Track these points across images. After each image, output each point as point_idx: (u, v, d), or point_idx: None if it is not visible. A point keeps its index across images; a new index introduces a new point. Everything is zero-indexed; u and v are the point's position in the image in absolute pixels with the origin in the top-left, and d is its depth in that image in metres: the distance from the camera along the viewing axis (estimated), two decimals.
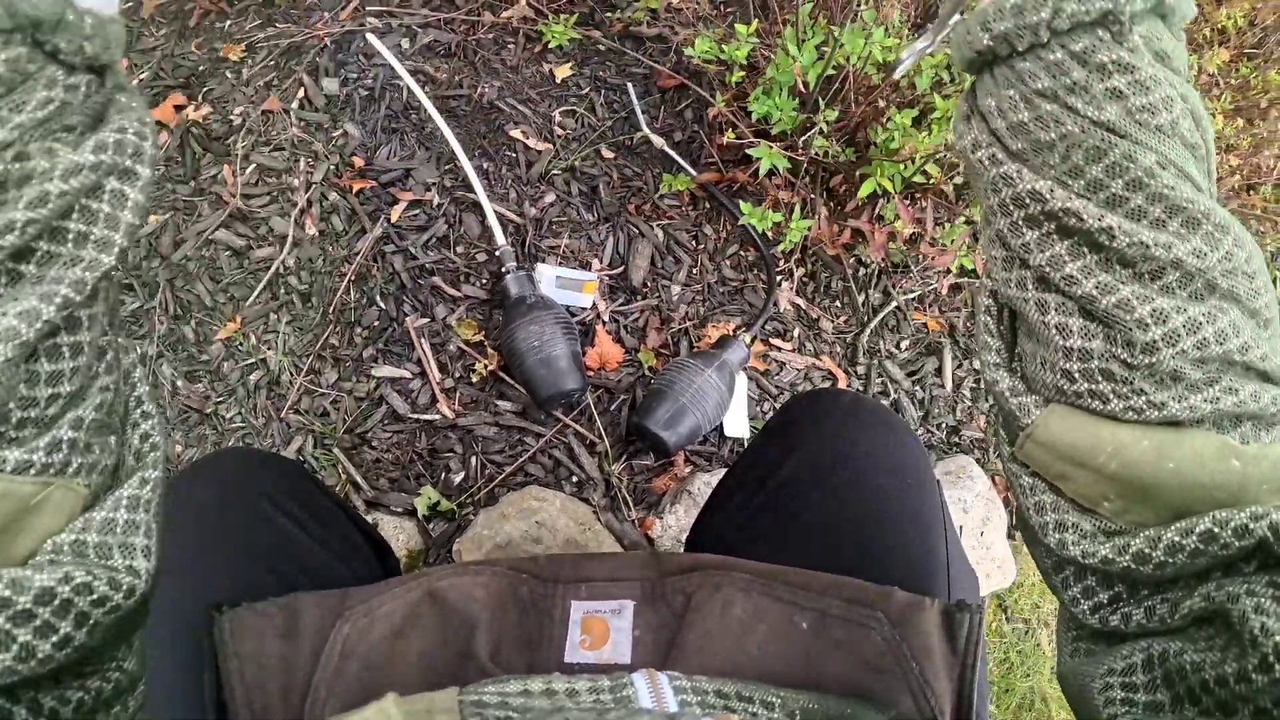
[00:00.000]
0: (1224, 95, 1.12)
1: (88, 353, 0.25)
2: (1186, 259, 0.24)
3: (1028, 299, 0.27)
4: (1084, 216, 0.25)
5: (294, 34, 1.07)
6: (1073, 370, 0.26)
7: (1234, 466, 0.24)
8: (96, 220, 0.24)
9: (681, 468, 0.92)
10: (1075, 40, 0.25)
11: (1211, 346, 0.24)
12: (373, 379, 0.91)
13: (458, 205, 0.97)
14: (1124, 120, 0.25)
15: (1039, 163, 0.26)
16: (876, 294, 1.03)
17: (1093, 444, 0.25)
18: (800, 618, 0.39)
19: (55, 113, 0.24)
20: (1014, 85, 0.27)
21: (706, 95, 0.99)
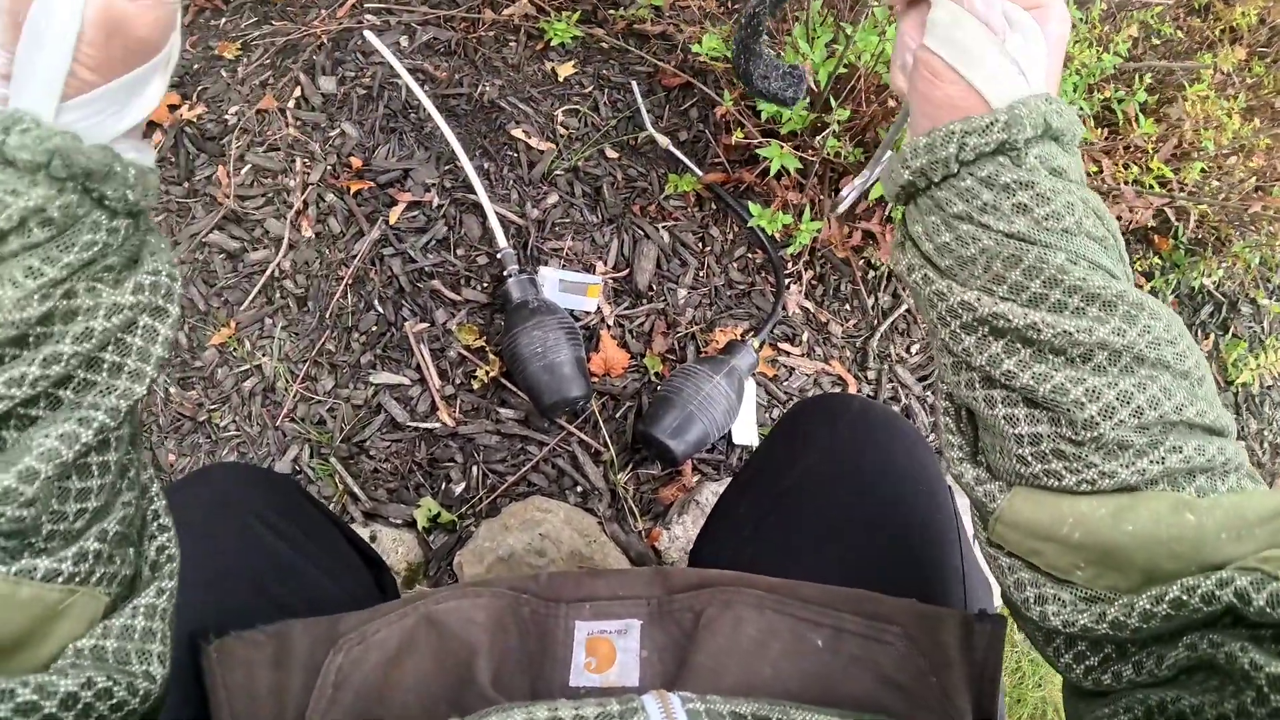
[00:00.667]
0: (1239, 95, 1.10)
1: (113, 471, 0.28)
2: (1110, 338, 0.27)
3: (976, 397, 0.30)
4: (1010, 317, 0.28)
5: (290, 32, 1.05)
6: (1025, 455, 0.28)
7: (1188, 520, 0.25)
8: (130, 353, 0.27)
9: (689, 477, 0.89)
10: (980, 168, 0.29)
11: (1147, 413, 0.26)
12: (371, 386, 0.89)
13: (458, 206, 0.95)
14: (1032, 229, 0.28)
15: (965, 275, 0.30)
16: (886, 297, 1.01)
17: (1055, 518, 0.27)
18: (815, 634, 0.38)
19: (99, 254, 0.26)
20: (934, 212, 0.30)
21: (712, 94, 0.97)
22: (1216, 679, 0.23)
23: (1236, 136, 1.01)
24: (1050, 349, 0.28)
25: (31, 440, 0.24)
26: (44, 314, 0.25)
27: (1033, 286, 0.28)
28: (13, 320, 0.24)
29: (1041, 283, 0.28)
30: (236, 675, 0.38)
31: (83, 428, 0.25)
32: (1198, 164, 1.05)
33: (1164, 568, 0.25)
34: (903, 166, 0.30)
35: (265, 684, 0.38)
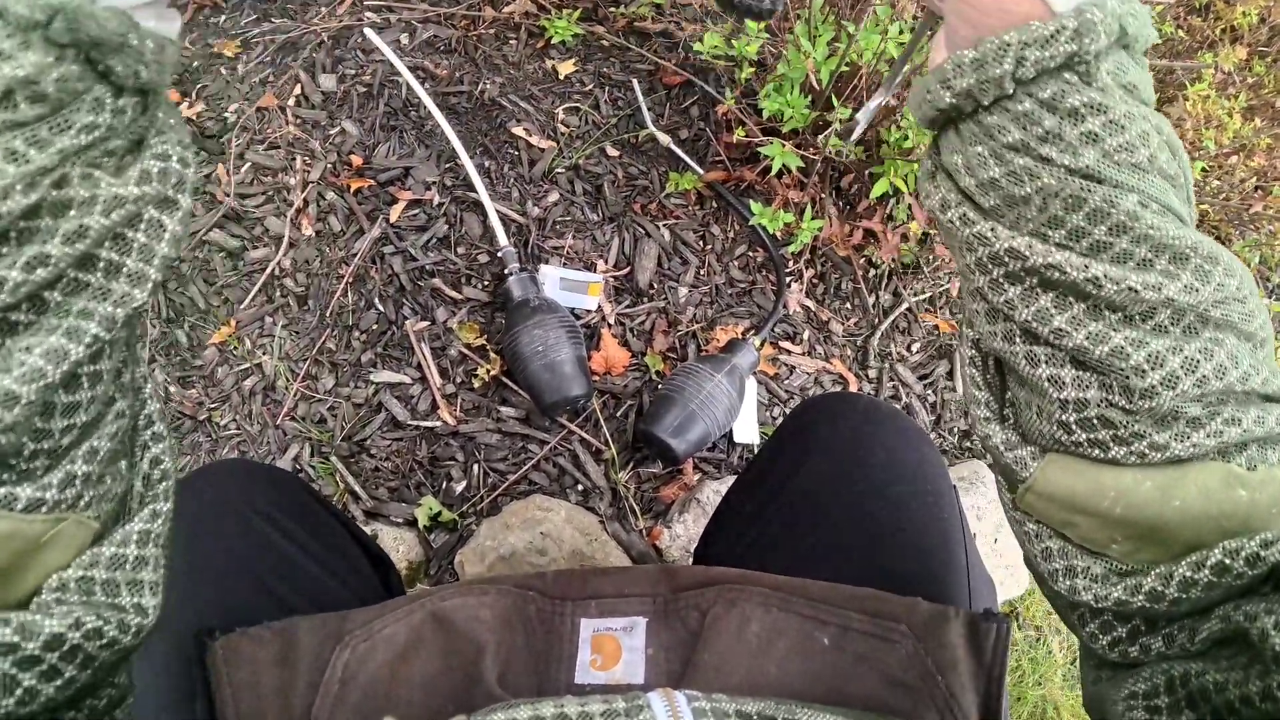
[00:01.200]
0: (1239, 94, 1.10)
1: (105, 379, 0.24)
2: (1178, 296, 0.24)
3: (1016, 352, 0.27)
4: (1067, 269, 0.24)
5: (290, 29, 1.04)
6: (1069, 421, 0.25)
7: (1240, 496, 0.23)
8: (131, 251, 0.23)
9: (690, 475, 0.89)
10: (1043, 88, 0.24)
11: (1211, 382, 0.24)
12: (371, 384, 0.89)
13: (459, 205, 0.95)
14: (1102, 163, 0.24)
15: (1014, 217, 0.26)
16: (887, 295, 1.00)
17: (1095, 490, 0.25)
18: (821, 633, 0.38)
19: (100, 138, 0.22)
20: (982, 141, 0.26)
21: (713, 92, 0.96)
22: (1245, 656, 0.22)
23: (1237, 136, 1.01)
24: (1109, 305, 0.24)
25: (11, 355, 0.21)
26: (29, 206, 0.21)
27: (1096, 233, 0.24)
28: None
29: (1107, 229, 0.24)
30: (242, 673, 0.37)
31: (72, 342, 0.22)
32: (1199, 164, 1.05)
33: (1209, 543, 0.23)
34: (942, 87, 0.25)
35: (271, 681, 0.37)
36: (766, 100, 0.86)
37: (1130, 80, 0.25)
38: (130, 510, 0.26)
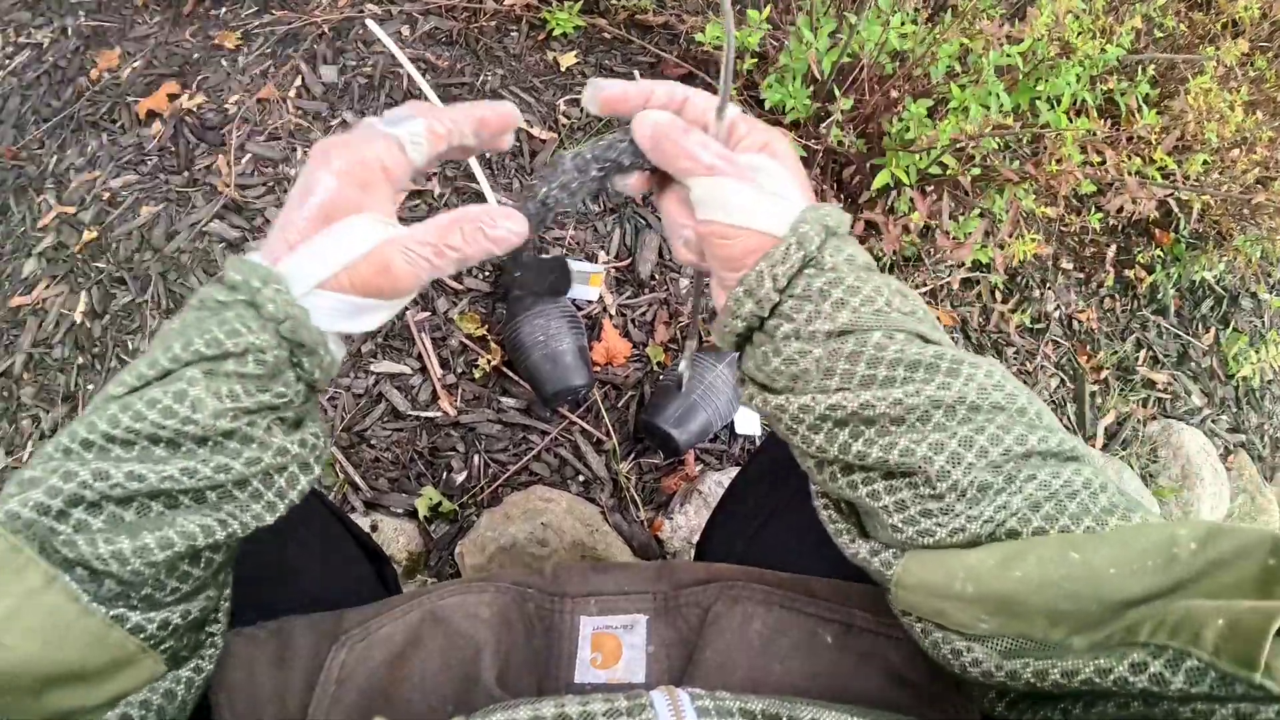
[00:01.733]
0: (1241, 88, 1.10)
1: (213, 568, 0.32)
2: (938, 394, 0.29)
3: (842, 485, 0.32)
4: (845, 404, 0.30)
5: (291, 21, 1.04)
6: (897, 522, 0.30)
7: (1074, 559, 0.26)
8: (272, 488, 0.31)
9: (692, 466, 0.89)
10: (794, 286, 0.31)
11: (992, 451, 0.28)
12: (371, 375, 0.89)
13: (460, 196, 0.95)
14: (852, 319, 0.30)
15: (800, 386, 0.32)
16: None
17: (947, 575, 0.28)
18: (824, 631, 0.37)
19: (284, 404, 0.31)
20: (765, 343, 0.33)
21: (715, 84, 0.96)
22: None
23: (1239, 129, 1.01)
24: (889, 420, 0.29)
25: (175, 519, 0.29)
26: (229, 430, 0.29)
27: (859, 371, 0.30)
28: (206, 424, 0.28)
29: (866, 364, 0.30)
30: (237, 674, 0.37)
31: (219, 526, 0.30)
32: (1200, 156, 1.05)
33: (1062, 608, 0.25)
34: (733, 317, 0.32)
35: (266, 682, 0.37)
36: (769, 91, 0.86)
37: (848, 254, 0.32)
38: (182, 661, 0.32)
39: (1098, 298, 1.20)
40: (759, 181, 0.32)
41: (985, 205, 0.92)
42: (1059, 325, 1.15)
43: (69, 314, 0.95)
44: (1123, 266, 1.23)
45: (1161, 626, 0.23)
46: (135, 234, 0.96)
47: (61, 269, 0.96)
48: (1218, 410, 1.29)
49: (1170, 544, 0.25)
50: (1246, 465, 1.36)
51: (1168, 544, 0.25)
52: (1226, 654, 0.22)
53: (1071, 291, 1.17)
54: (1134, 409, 1.18)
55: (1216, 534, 0.25)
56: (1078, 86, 0.93)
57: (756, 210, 0.31)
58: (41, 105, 1.09)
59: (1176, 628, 0.23)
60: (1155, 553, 0.25)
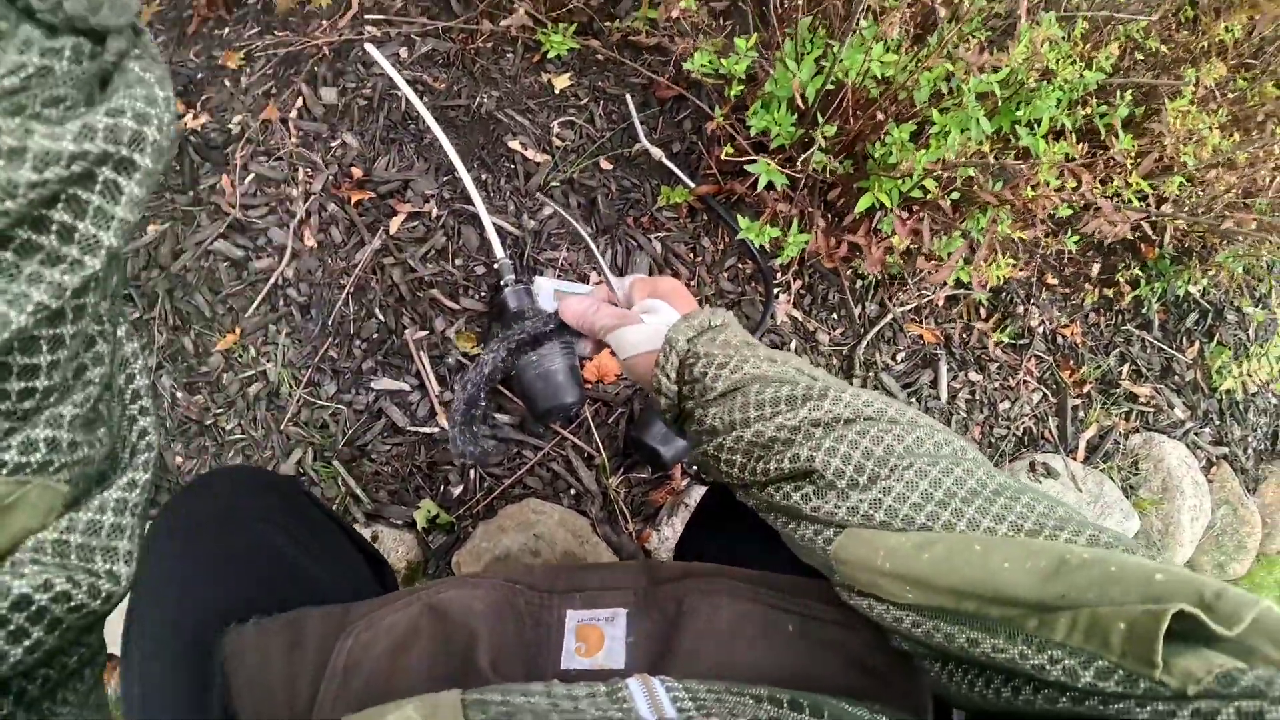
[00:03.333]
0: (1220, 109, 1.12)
1: (70, 345, 0.24)
2: (816, 415, 0.36)
3: (762, 498, 0.39)
4: (743, 437, 0.38)
5: (292, 42, 1.07)
6: (808, 511, 0.36)
7: (975, 550, 0.29)
8: (84, 214, 0.22)
9: (679, 480, 0.92)
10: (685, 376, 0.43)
11: (873, 450, 0.34)
12: (372, 391, 0.92)
13: (456, 217, 0.97)
14: (729, 382, 0.39)
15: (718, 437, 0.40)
16: (873, 306, 1.03)
17: (870, 551, 0.33)
18: (786, 620, 0.40)
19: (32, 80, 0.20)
20: (687, 418, 0.44)
21: (705, 107, 0.99)
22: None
23: (1217, 151, 1.03)
24: (780, 442, 0.37)
25: None
26: None
27: (750, 414, 0.38)
28: None
29: (753, 408, 0.38)
30: (253, 660, 0.40)
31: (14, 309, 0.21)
32: (1177, 178, 1.07)
33: (964, 590, 0.29)
34: (660, 411, 0.44)
35: (279, 668, 0.40)
36: (754, 118, 0.89)
37: (722, 339, 0.42)
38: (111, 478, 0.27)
39: (1082, 313, 1.22)
40: (650, 320, 0.45)
41: (966, 227, 0.95)
42: (1042, 340, 1.17)
43: None
44: (1106, 283, 1.25)
45: (1075, 628, 0.26)
46: (143, 251, 0.99)
47: None
48: (1201, 423, 1.32)
49: (1064, 553, 0.28)
50: (1229, 478, 1.38)
51: (1061, 554, 0.28)
52: (1130, 655, 0.24)
53: (1055, 307, 1.20)
54: (1116, 422, 1.21)
55: (1106, 556, 0.27)
56: (1057, 111, 0.95)
57: (643, 341, 0.45)
58: None
59: (1088, 631, 0.25)
60: (1048, 559, 0.28)
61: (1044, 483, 1.09)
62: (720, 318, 0.44)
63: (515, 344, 0.52)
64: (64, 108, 0.21)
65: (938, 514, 0.32)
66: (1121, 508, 1.17)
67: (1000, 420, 1.10)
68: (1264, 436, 1.42)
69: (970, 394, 1.07)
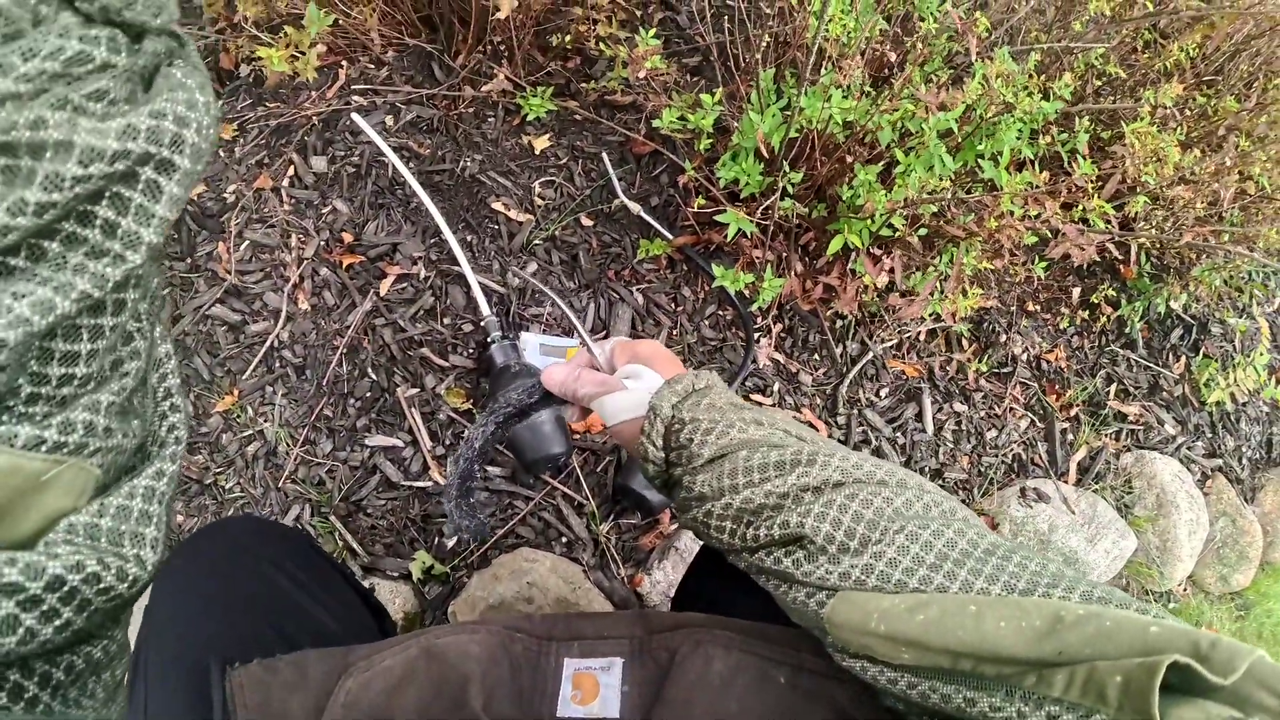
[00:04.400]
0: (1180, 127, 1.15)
1: (109, 336, 0.25)
2: (805, 480, 0.36)
3: (753, 562, 0.40)
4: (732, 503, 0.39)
5: (283, 113, 1.12)
6: (800, 576, 0.36)
7: (970, 610, 0.30)
8: (127, 211, 0.23)
9: (667, 525, 0.94)
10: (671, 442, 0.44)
11: (863, 513, 0.35)
12: (366, 448, 0.94)
13: (443, 278, 1.01)
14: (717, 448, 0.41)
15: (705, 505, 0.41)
16: (854, 345, 1.05)
17: (864, 615, 0.33)
18: (777, 672, 0.41)
19: (71, 66, 0.21)
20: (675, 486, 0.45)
21: (679, 161, 1.03)
22: None
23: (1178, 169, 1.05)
24: (769, 508, 0.37)
25: (1, 299, 0.21)
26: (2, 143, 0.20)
27: (739, 480, 0.38)
28: None
29: (742, 474, 0.38)
30: (256, 698, 0.42)
31: (59, 295, 0.22)
32: (1141, 198, 1.10)
33: (955, 649, 0.29)
34: (648, 479, 0.45)
35: (281, 707, 0.42)
36: (723, 169, 0.92)
37: (707, 402, 0.42)
38: (140, 467, 0.28)
39: (1065, 337, 1.24)
40: (633, 385, 0.46)
41: (938, 262, 0.98)
42: (1026, 367, 1.19)
43: None
44: (1086, 305, 1.27)
45: (1072, 683, 0.26)
46: None
47: None
48: (1192, 437, 1.32)
49: (1059, 611, 0.28)
50: (1225, 489, 1.38)
51: (1056, 611, 0.28)
52: (1128, 708, 0.24)
53: (1037, 334, 1.22)
54: (1106, 443, 1.22)
55: (1101, 612, 0.27)
56: (1019, 143, 0.98)
57: (627, 408, 0.45)
58: None
59: (1085, 686, 0.26)
60: (1041, 615, 0.28)
61: (1035, 508, 1.10)
62: (704, 380, 0.44)
63: (503, 417, 0.52)
64: (107, 102, 0.22)
65: (930, 578, 0.32)
66: (1116, 527, 1.17)
67: (988, 449, 1.11)
68: (1258, 445, 1.42)
69: (956, 425, 1.08)
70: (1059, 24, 1.18)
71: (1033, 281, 1.21)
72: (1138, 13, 1.14)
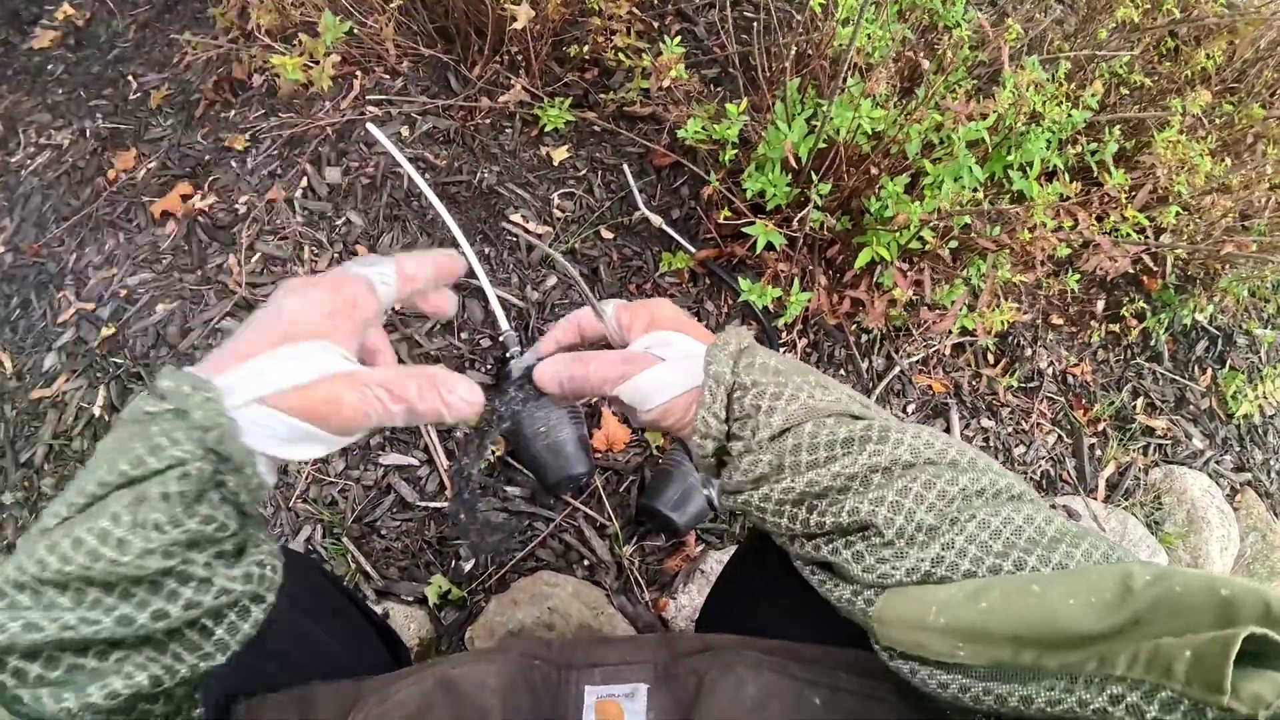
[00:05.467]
0: (1209, 135, 1.13)
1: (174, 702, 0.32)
2: (871, 460, 0.33)
3: (808, 550, 0.36)
4: (795, 487, 0.35)
5: (296, 124, 1.10)
6: (859, 572, 0.33)
7: (1034, 591, 0.28)
8: (222, 623, 0.31)
9: (693, 547, 0.91)
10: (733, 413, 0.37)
11: (929, 498, 0.32)
12: (380, 467, 0.91)
13: (460, 291, 0.98)
14: (783, 419, 0.35)
15: (763, 486, 0.37)
16: (880, 360, 1.03)
17: (921, 608, 0.31)
18: (813, 693, 0.39)
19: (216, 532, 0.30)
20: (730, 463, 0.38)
21: (701, 173, 1.01)
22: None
23: (1210, 177, 1.03)
24: (835, 490, 0.34)
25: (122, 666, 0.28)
26: (164, 568, 0.28)
27: (802, 459, 0.35)
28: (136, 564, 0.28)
29: (806, 451, 0.35)
30: None
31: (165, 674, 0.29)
32: (1173, 208, 1.07)
33: (1025, 635, 0.27)
34: (703, 457, 0.39)
35: None
36: (749, 180, 0.90)
37: (761, 363, 0.37)
38: None
39: (1090, 350, 1.22)
40: (665, 355, 0.38)
41: (967, 275, 0.95)
42: (1053, 382, 1.16)
43: (88, 407, 0.98)
44: (1112, 318, 1.25)
45: (1136, 661, 0.25)
46: (151, 330, 1.01)
47: (81, 363, 1.00)
48: (1220, 451, 1.29)
49: (1126, 578, 0.26)
50: (1254, 504, 1.35)
51: (1124, 578, 0.26)
52: (1197, 683, 0.23)
53: (1062, 347, 1.19)
54: (1134, 458, 1.19)
55: (1169, 573, 0.26)
56: (1048, 152, 0.96)
57: (672, 382, 0.37)
58: (61, 204, 1.14)
59: (1150, 663, 0.24)
60: (1111, 587, 0.26)
61: None
62: (745, 338, 0.38)
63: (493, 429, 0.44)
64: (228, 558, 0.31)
65: (999, 566, 0.30)
66: (1147, 544, 1.14)
67: (1016, 465, 1.08)
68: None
69: (984, 441, 1.05)
70: (1082, 32, 1.17)
71: (1060, 295, 1.19)
72: (1162, 19, 1.12)
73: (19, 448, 0.99)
